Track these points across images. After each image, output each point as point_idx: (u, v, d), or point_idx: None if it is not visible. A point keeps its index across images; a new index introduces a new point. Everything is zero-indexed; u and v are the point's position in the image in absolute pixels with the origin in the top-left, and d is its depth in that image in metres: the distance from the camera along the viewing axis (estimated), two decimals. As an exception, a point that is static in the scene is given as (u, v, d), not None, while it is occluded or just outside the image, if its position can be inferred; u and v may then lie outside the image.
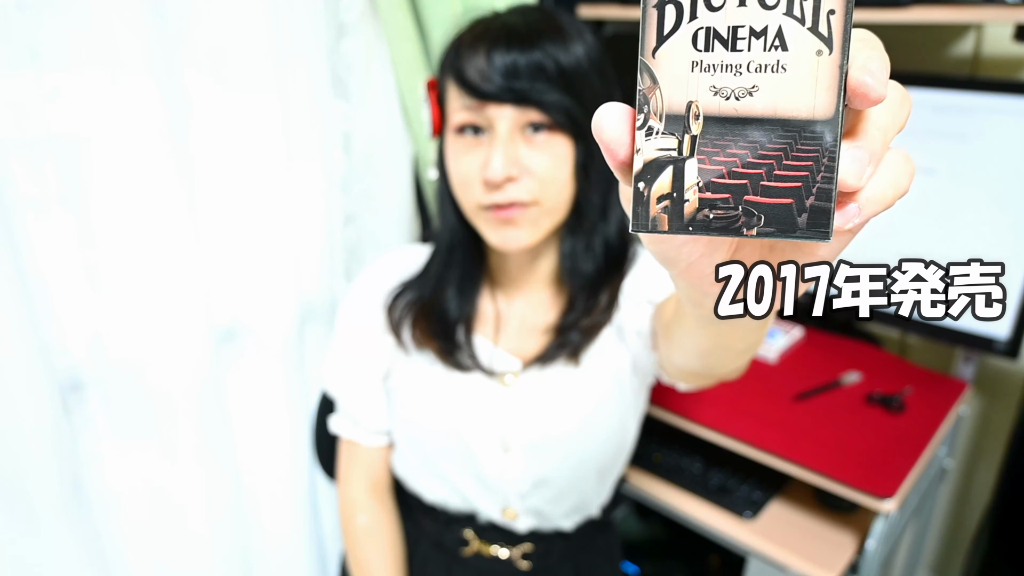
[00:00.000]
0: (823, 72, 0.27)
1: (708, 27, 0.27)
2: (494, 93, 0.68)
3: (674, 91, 0.28)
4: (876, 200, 0.27)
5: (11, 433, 0.82)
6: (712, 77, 0.27)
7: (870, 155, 0.26)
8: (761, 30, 0.27)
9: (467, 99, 0.70)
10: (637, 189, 0.28)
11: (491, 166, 0.68)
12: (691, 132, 0.28)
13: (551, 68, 0.68)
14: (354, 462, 0.91)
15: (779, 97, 0.27)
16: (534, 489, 0.83)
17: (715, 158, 0.28)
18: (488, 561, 0.88)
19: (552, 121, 0.69)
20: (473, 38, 0.70)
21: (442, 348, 0.81)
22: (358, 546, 0.89)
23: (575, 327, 0.79)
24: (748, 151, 0.28)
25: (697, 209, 0.28)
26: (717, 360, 0.58)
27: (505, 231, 0.72)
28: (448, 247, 0.81)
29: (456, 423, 0.82)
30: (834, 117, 0.27)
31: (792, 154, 0.27)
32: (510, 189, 0.70)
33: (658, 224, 0.28)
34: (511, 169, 0.69)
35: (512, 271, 0.83)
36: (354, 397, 0.87)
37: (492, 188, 0.70)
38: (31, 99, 0.81)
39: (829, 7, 0.26)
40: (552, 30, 0.70)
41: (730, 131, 0.28)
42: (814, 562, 0.99)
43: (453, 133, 0.73)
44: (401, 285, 0.84)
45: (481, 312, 0.84)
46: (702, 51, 0.27)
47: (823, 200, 0.27)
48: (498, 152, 0.68)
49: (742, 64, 0.27)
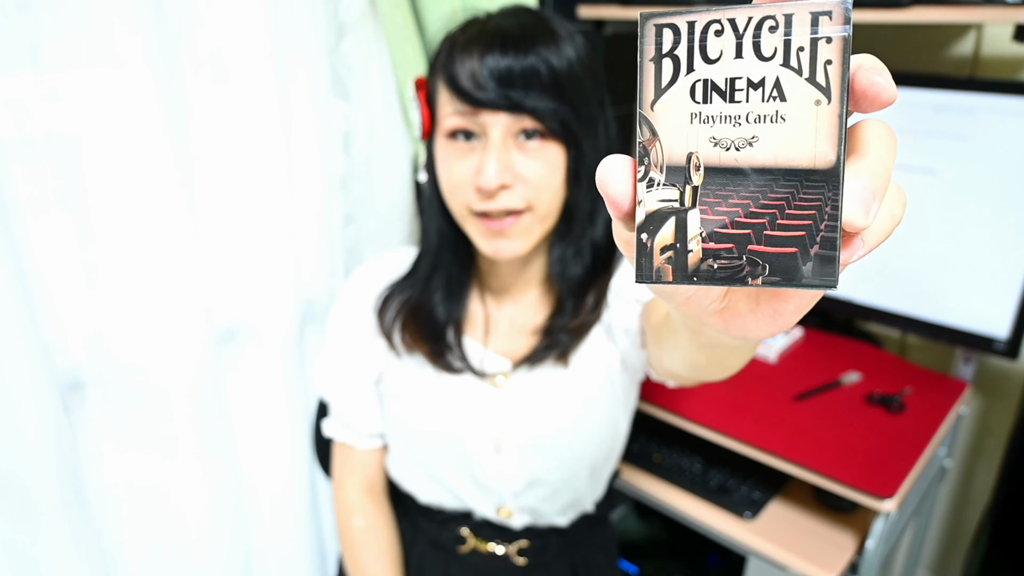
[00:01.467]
0: (822, 121, 0.27)
1: (706, 79, 0.27)
2: (489, 101, 0.67)
3: (674, 143, 0.28)
4: (878, 233, 0.28)
5: (11, 433, 0.82)
6: (711, 128, 0.28)
7: (874, 194, 0.26)
8: (759, 81, 0.27)
9: (460, 104, 0.69)
10: (640, 240, 0.28)
11: (485, 174, 0.67)
12: (692, 183, 0.28)
13: (545, 74, 0.67)
14: (349, 465, 0.91)
15: (779, 147, 0.27)
16: (528, 488, 0.83)
17: (717, 208, 0.28)
18: (485, 558, 0.89)
19: (545, 128, 0.69)
20: (466, 41, 0.69)
21: (432, 350, 0.80)
22: (355, 548, 0.89)
23: (563, 329, 0.79)
24: (750, 201, 0.28)
25: (701, 259, 0.28)
26: (708, 373, 0.59)
27: (497, 241, 0.72)
28: (436, 250, 0.81)
29: (449, 425, 0.82)
30: (835, 166, 0.27)
31: (794, 203, 0.27)
32: (503, 197, 0.69)
33: (662, 275, 0.28)
34: (505, 176, 0.68)
35: (501, 274, 0.82)
36: (347, 401, 0.87)
37: (485, 196, 0.69)
38: (31, 99, 0.81)
39: (826, 58, 0.26)
40: (545, 34, 0.69)
41: (731, 181, 0.28)
42: (814, 562, 0.99)
43: (444, 137, 0.72)
44: (389, 287, 0.84)
45: (470, 314, 0.84)
46: (700, 103, 0.28)
47: (828, 249, 0.27)
48: (492, 159, 0.68)
49: (741, 115, 0.27)
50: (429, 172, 0.78)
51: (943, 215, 1.14)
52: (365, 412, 0.88)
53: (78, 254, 0.88)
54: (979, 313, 1.14)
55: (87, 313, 0.91)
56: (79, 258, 0.89)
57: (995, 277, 1.11)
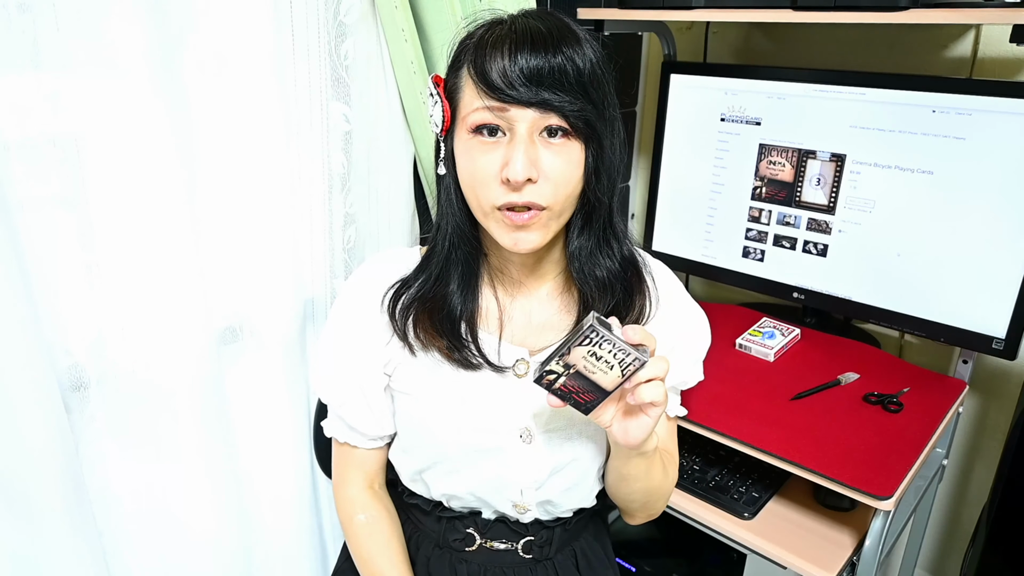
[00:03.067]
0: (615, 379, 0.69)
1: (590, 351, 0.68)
2: (519, 97, 0.69)
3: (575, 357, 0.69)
4: None
5: (13, 433, 0.82)
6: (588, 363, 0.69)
7: None
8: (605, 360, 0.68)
9: (489, 100, 0.70)
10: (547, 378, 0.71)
11: (513, 167, 0.70)
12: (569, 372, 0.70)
13: (572, 73, 0.70)
14: (350, 464, 0.92)
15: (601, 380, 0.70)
16: (550, 477, 0.85)
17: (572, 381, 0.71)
18: (492, 554, 0.90)
19: (569, 126, 0.71)
20: (495, 39, 0.71)
21: (448, 346, 0.81)
22: (361, 544, 0.90)
23: None
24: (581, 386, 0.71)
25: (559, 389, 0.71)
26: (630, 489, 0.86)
27: (517, 234, 0.74)
28: (450, 245, 0.81)
29: (474, 420, 0.82)
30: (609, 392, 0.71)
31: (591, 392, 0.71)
32: (528, 190, 0.71)
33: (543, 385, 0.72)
34: (532, 171, 0.70)
35: (515, 268, 0.83)
36: (350, 405, 0.87)
37: (512, 189, 0.71)
38: (32, 100, 0.81)
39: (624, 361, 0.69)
40: (570, 35, 0.72)
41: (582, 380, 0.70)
42: (812, 561, 1.00)
43: (467, 132, 0.73)
44: (397, 285, 0.84)
45: (484, 309, 0.84)
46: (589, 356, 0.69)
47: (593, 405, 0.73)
48: (520, 154, 0.70)
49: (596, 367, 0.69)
50: (447, 167, 0.79)
51: (941, 215, 1.14)
52: (369, 415, 0.87)
53: (80, 255, 0.89)
54: (977, 313, 1.14)
55: (89, 313, 0.91)
56: (81, 259, 0.89)
57: (993, 277, 1.11)
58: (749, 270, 1.40)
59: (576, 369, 0.69)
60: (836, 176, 1.24)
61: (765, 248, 1.37)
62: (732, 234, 1.41)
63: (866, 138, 1.19)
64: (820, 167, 1.26)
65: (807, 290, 1.33)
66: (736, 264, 1.42)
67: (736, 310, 1.47)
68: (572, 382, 0.70)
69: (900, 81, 1.14)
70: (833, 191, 1.25)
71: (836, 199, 1.25)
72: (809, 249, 1.31)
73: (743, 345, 1.29)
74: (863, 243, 1.24)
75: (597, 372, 0.68)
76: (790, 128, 1.28)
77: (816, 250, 1.30)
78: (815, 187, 1.27)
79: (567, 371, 0.69)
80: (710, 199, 1.42)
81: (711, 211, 1.43)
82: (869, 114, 1.18)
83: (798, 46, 1.46)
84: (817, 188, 1.27)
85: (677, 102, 1.43)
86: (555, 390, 0.71)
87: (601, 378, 0.69)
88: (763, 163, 1.33)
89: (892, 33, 1.33)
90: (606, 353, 0.67)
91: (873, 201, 1.21)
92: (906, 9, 0.99)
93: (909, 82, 1.13)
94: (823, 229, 1.28)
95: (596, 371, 0.68)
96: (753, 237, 1.38)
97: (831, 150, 1.24)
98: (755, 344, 1.27)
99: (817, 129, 1.25)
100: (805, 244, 1.31)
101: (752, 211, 1.36)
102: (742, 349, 1.29)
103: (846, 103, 1.20)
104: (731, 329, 1.33)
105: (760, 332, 1.31)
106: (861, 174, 1.21)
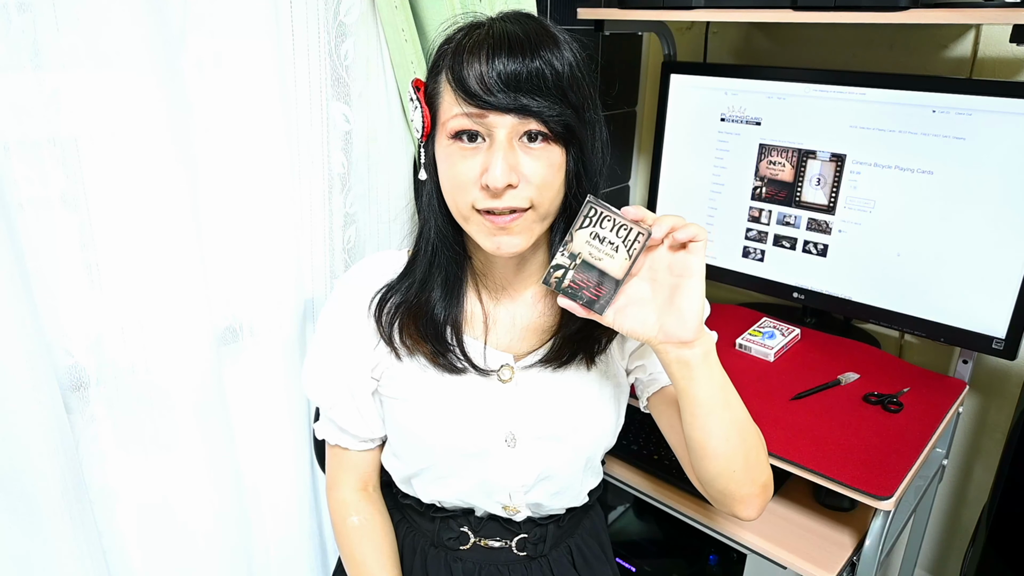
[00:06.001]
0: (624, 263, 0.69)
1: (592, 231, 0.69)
2: (497, 103, 0.69)
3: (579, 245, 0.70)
4: None
5: (13, 433, 0.82)
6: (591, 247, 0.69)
7: None
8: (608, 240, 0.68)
9: (468, 107, 0.70)
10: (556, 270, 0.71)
11: (492, 173, 0.69)
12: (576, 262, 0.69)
13: (550, 78, 0.69)
14: (343, 466, 0.92)
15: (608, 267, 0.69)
16: (538, 482, 0.85)
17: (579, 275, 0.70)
18: (486, 552, 0.91)
19: (549, 131, 0.70)
20: (473, 44, 0.70)
21: (433, 350, 0.81)
22: (352, 546, 0.90)
23: (600, 333, 0.82)
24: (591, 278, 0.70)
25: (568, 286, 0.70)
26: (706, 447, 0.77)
27: (499, 237, 0.73)
28: (433, 249, 0.81)
29: (459, 425, 0.82)
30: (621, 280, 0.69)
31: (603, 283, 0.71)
32: (508, 196, 0.71)
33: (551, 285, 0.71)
34: (511, 177, 0.70)
35: (498, 273, 0.83)
36: (341, 407, 0.87)
37: (491, 195, 0.70)
38: (33, 99, 0.81)
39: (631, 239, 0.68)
40: (548, 39, 0.71)
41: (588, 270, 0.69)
42: (812, 561, 1.00)
43: (447, 138, 0.73)
44: (383, 290, 0.84)
45: (469, 314, 0.84)
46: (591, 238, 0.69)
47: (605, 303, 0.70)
48: (499, 159, 0.69)
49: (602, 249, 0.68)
50: (429, 172, 0.79)
51: (941, 216, 1.14)
52: (360, 418, 0.87)
53: (80, 255, 0.89)
54: (977, 313, 1.14)
55: (89, 313, 0.91)
56: (81, 258, 0.89)
57: (993, 277, 1.11)
58: (749, 270, 1.40)
59: (582, 258, 0.68)
60: (836, 176, 1.24)
61: (765, 248, 1.37)
62: (732, 234, 1.41)
63: (866, 138, 1.19)
64: (820, 167, 1.26)
65: (807, 290, 1.33)
66: (736, 264, 1.42)
67: (736, 310, 1.47)
68: (580, 275, 0.69)
69: (900, 81, 1.15)
70: (833, 191, 1.25)
71: (836, 199, 1.25)
72: (809, 249, 1.31)
73: (743, 345, 1.29)
74: (863, 243, 1.24)
75: (604, 257, 0.68)
76: (790, 128, 1.28)
77: (816, 250, 1.30)
78: (815, 187, 1.27)
79: (573, 262, 0.68)
80: (710, 199, 1.42)
81: (711, 211, 1.43)
82: (869, 114, 1.18)
83: (798, 46, 1.46)
84: (817, 188, 1.27)
85: (677, 102, 1.43)
86: (565, 289, 0.69)
87: (608, 264, 0.68)
88: (763, 163, 1.33)
89: (892, 33, 1.33)
90: (608, 232, 0.66)
91: (873, 201, 1.21)
92: (906, 9, 0.99)
93: (909, 82, 1.14)
94: (823, 229, 1.28)
95: (602, 256, 0.67)
96: (753, 237, 1.38)
97: (831, 150, 1.24)
98: (755, 344, 1.27)
99: (817, 129, 1.25)
100: (805, 244, 1.31)
101: (752, 211, 1.37)
102: (742, 349, 1.29)
103: (846, 103, 1.20)
104: (731, 329, 1.33)
105: (760, 332, 1.31)
106: (861, 174, 1.21)
